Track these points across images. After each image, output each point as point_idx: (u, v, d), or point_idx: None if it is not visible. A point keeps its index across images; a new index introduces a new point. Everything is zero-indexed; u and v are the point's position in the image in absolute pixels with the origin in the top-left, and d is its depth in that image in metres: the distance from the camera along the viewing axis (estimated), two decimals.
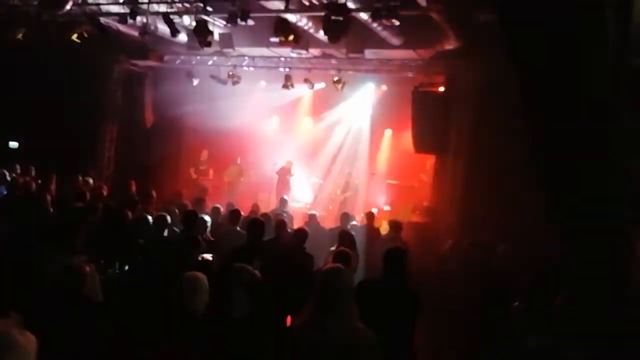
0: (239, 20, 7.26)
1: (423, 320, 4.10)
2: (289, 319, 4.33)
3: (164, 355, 2.93)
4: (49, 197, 6.48)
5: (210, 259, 4.10)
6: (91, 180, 9.01)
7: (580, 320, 3.46)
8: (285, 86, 10.65)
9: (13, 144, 11.30)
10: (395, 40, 8.95)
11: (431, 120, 9.38)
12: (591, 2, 3.32)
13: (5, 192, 7.20)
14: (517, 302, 4.36)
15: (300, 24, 8.06)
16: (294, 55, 9.71)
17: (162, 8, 8.12)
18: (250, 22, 7.59)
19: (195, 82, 11.05)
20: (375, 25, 7.78)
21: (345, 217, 7.77)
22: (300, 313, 2.96)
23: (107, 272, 4.48)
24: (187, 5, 8.19)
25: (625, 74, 3.65)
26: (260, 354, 3.24)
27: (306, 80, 10.83)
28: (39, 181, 8.02)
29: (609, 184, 3.86)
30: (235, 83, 10.78)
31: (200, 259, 4.10)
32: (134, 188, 8.79)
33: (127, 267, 4.50)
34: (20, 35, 8.98)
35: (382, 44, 8.99)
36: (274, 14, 7.50)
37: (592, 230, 3.93)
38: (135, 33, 8.99)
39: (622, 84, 3.66)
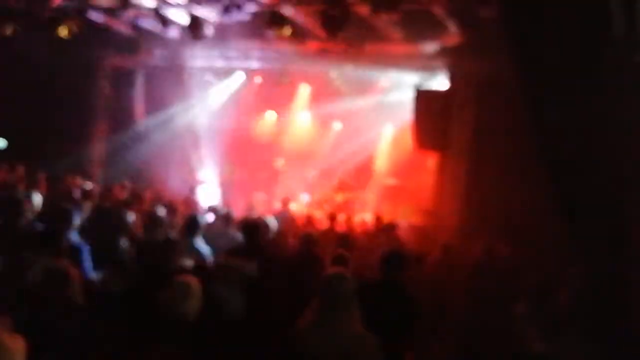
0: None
1: (422, 324, 4.04)
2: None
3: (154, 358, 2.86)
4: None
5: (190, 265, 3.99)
6: (81, 181, 8.83)
7: (583, 321, 3.41)
8: (280, 81, 10.56)
9: (0, 143, 11.10)
10: (396, 35, 8.83)
11: (432, 117, 9.27)
12: None
13: None
14: (520, 304, 4.29)
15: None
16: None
17: (153, 1, 7.94)
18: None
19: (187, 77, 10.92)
20: (375, 19, 7.64)
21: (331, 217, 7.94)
22: (302, 317, 2.97)
23: (92, 275, 4.37)
24: None
25: (631, 70, 3.58)
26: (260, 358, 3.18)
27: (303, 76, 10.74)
28: (26, 181, 7.85)
29: (611, 183, 3.79)
30: None
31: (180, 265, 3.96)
32: (125, 188, 8.63)
33: (113, 269, 4.39)
34: (9, 31, 8.80)
35: (383, 38, 8.88)
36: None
37: (593, 230, 3.87)
38: (125, 28, 8.82)
39: (628, 81, 3.59)
